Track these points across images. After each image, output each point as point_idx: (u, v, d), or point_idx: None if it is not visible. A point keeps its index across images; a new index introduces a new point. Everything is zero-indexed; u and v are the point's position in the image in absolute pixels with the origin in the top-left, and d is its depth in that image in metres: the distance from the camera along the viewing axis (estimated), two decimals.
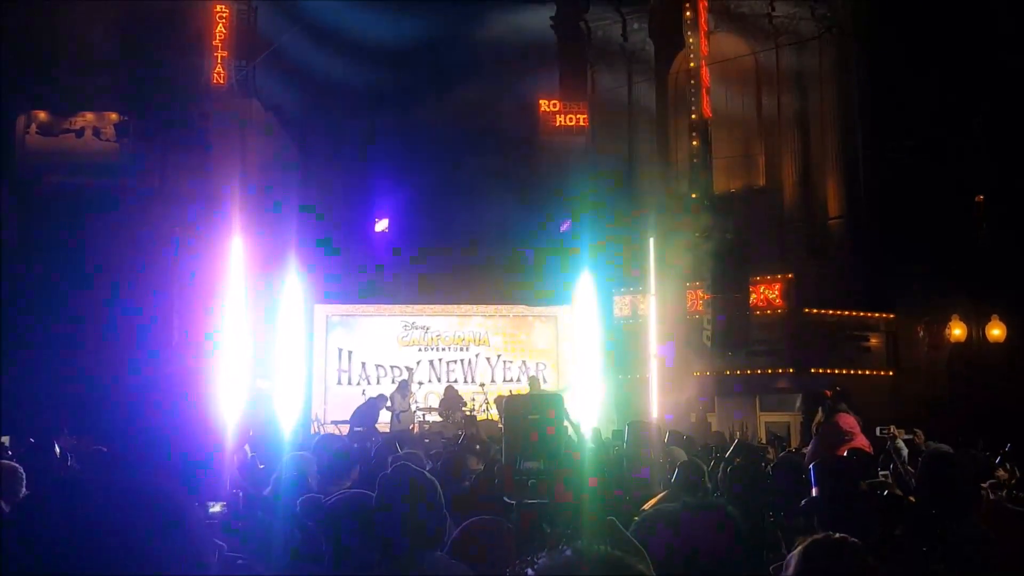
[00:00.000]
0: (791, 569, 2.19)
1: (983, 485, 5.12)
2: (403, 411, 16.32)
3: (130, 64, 19.23)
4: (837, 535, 2.24)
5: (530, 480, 2.94)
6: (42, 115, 20.59)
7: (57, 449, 6.67)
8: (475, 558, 3.41)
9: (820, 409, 8.08)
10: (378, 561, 3.17)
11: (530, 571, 1.42)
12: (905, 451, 6.72)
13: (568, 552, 1.44)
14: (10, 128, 20.18)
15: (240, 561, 2.99)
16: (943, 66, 17.63)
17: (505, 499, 3.05)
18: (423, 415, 16.58)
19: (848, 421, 7.75)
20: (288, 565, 3.39)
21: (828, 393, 8.22)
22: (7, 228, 18.27)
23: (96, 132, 20.56)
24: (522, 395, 12.13)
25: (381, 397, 15.94)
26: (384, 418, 16.11)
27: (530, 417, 3.10)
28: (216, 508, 3.12)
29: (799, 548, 2.23)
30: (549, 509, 2.89)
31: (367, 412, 15.44)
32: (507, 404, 3.46)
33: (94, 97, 20.21)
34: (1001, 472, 5.01)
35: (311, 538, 3.57)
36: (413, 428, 15.87)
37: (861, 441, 7.28)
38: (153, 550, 1.37)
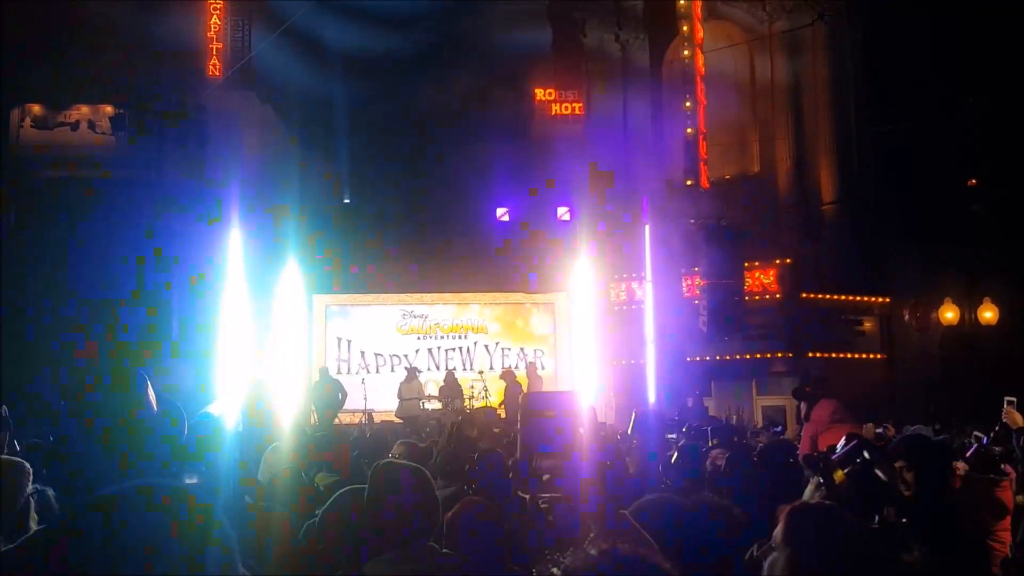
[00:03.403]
0: (779, 538, 2.21)
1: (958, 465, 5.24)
2: (408, 399, 16.50)
3: (125, 57, 19.18)
4: (817, 502, 2.29)
5: (544, 475, 2.98)
6: (36, 108, 20.52)
7: None
8: (469, 538, 3.45)
9: (802, 398, 8.18)
10: (365, 553, 3.16)
11: (556, 570, 1.44)
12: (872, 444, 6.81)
13: (593, 551, 1.45)
14: (4, 122, 20.14)
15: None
16: (937, 48, 17.67)
17: (519, 494, 3.09)
18: (423, 403, 16.72)
19: (833, 405, 7.79)
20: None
21: (808, 388, 8.32)
22: (2, 222, 18.28)
23: (91, 125, 20.51)
24: (539, 392, 12.24)
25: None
26: (388, 405, 16.38)
27: (546, 414, 3.14)
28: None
29: (782, 517, 2.26)
30: (560, 503, 2.93)
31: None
32: (523, 401, 3.50)
33: (89, 90, 20.17)
34: (961, 464, 5.10)
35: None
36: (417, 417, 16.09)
37: (849, 426, 7.32)
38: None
